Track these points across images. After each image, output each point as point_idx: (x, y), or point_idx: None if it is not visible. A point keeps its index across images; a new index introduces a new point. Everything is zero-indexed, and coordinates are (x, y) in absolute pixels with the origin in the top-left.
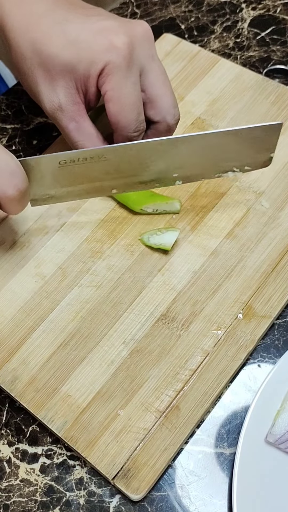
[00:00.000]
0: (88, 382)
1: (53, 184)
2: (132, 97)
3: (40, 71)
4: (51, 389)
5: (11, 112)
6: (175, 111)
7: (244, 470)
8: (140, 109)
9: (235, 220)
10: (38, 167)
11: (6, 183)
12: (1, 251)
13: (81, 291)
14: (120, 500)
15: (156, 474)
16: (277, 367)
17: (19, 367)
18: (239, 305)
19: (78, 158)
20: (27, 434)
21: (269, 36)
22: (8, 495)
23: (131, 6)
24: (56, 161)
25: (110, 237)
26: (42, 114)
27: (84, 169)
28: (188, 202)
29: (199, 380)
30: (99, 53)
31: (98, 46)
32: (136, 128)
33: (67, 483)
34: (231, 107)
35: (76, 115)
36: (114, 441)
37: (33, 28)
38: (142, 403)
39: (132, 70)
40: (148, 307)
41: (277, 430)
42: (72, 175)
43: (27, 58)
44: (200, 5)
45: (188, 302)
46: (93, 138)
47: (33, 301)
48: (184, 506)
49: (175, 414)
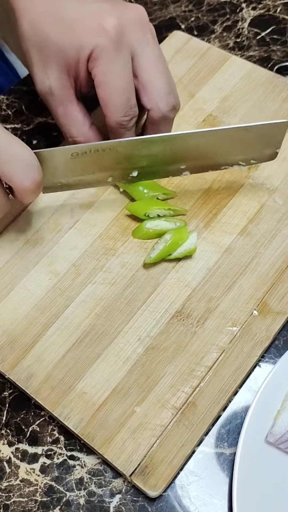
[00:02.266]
0: (104, 379)
1: (65, 173)
2: (121, 81)
3: (35, 52)
4: (67, 386)
5: (11, 112)
6: (168, 98)
7: (244, 470)
8: (130, 94)
9: (249, 217)
10: (51, 158)
11: (23, 175)
12: (14, 248)
13: (95, 288)
14: (120, 500)
15: (174, 470)
16: (277, 367)
17: (34, 364)
18: (254, 301)
19: (90, 150)
20: (27, 434)
21: (269, 36)
22: (8, 495)
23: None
24: (69, 153)
25: (123, 234)
26: (42, 114)
27: (95, 159)
28: (201, 199)
29: (215, 377)
30: (87, 36)
31: (87, 29)
32: (126, 113)
33: (67, 483)
34: (242, 104)
35: (65, 99)
36: (131, 438)
37: (34, 9)
38: (158, 399)
39: (121, 53)
40: (162, 304)
41: (277, 430)
42: (84, 165)
43: (26, 37)
44: (200, 5)
45: (203, 299)
46: (79, 124)
47: (47, 298)
48: (184, 506)
49: (192, 411)
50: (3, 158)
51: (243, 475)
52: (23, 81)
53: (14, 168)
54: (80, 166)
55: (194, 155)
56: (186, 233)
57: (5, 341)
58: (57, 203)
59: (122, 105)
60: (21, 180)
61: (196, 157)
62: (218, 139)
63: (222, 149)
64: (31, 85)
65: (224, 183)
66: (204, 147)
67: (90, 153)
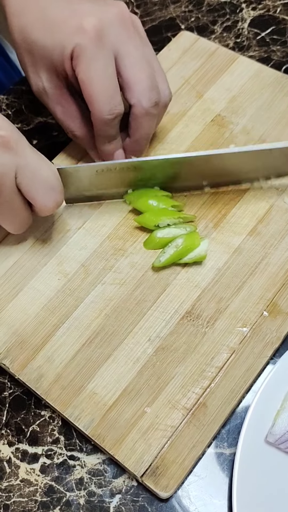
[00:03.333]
0: (114, 380)
1: (90, 187)
2: (103, 79)
3: (27, 56)
4: (77, 386)
5: (11, 112)
6: (151, 94)
7: (244, 470)
8: (114, 91)
9: (258, 217)
10: (76, 174)
11: (46, 197)
12: (23, 249)
13: (104, 288)
14: (120, 500)
15: (185, 471)
16: (277, 367)
17: (44, 365)
18: (264, 302)
19: (115, 167)
20: (27, 434)
21: (269, 36)
22: (8, 495)
23: (131, 6)
24: (94, 169)
25: (132, 235)
26: (42, 114)
27: (120, 175)
28: (210, 199)
29: (225, 378)
30: (68, 36)
31: (68, 29)
32: (110, 111)
33: (67, 483)
34: (251, 104)
35: (60, 98)
36: (142, 439)
37: (23, 14)
38: (169, 400)
39: (102, 52)
40: (172, 305)
41: (277, 430)
42: (109, 180)
43: (17, 43)
44: (200, 5)
45: (212, 299)
46: (77, 120)
47: (57, 298)
48: (184, 506)
49: (202, 412)
50: (30, 180)
51: (243, 475)
52: (23, 80)
53: (39, 190)
54: (104, 181)
55: (217, 173)
56: (198, 239)
57: (14, 342)
58: (65, 203)
59: (105, 103)
60: (44, 201)
61: (219, 175)
62: (241, 159)
63: (244, 168)
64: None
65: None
66: (227, 167)
67: (115, 171)
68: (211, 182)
